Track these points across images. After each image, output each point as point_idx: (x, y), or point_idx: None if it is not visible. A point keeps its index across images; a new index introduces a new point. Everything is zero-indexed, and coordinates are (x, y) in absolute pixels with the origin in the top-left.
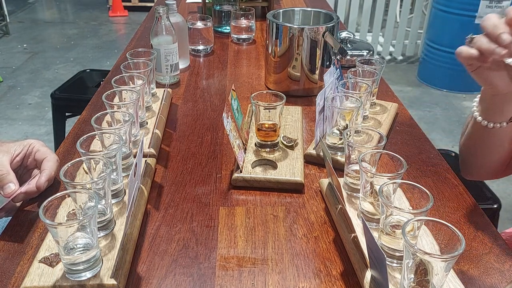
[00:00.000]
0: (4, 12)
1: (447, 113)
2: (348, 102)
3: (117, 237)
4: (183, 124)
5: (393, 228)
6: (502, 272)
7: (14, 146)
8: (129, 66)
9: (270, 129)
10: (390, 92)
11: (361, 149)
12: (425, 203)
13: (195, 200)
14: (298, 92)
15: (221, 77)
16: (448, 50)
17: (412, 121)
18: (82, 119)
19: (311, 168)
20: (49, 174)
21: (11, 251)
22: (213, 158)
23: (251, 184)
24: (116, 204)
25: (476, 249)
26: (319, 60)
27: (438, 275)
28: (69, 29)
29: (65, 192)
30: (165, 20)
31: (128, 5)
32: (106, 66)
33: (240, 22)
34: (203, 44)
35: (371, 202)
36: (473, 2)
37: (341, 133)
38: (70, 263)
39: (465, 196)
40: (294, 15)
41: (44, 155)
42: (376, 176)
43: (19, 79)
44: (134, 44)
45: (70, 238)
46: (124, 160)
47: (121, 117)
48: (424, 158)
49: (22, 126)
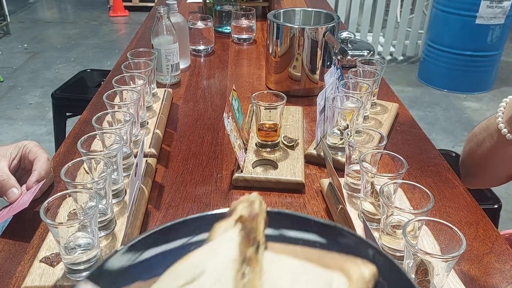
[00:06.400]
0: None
1: (448, 113)
2: (348, 102)
3: (117, 237)
4: (184, 124)
5: (393, 228)
6: (503, 272)
7: (10, 149)
8: (129, 66)
9: (270, 129)
10: (390, 92)
11: (361, 149)
12: (426, 203)
13: (195, 200)
14: (298, 92)
15: (221, 77)
16: (448, 50)
17: (413, 121)
18: (82, 119)
19: (312, 168)
20: (38, 174)
21: (12, 251)
22: (213, 158)
23: (251, 184)
24: (116, 204)
25: (476, 249)
26: (319, 60)
27: (438, 275)
28: (69, 29)
29: (66, 192)
30: (165, 20)
31: (129, 5)
32: (107, 66)
33: (240, 22)
34: (203, 44)
35: (371, 202)
36: (474, 2)
37: (341, 133)
38: (71, 263)
39: (465, 196)
40: (294, 15)
41: (35, 155)
42: (376, 176)
43: (19, 79)
44: (134, 44)
45: (71, 238)
46: (124, 160)
47: (122, 117)
48: (424, 158)
49: (22, 126)
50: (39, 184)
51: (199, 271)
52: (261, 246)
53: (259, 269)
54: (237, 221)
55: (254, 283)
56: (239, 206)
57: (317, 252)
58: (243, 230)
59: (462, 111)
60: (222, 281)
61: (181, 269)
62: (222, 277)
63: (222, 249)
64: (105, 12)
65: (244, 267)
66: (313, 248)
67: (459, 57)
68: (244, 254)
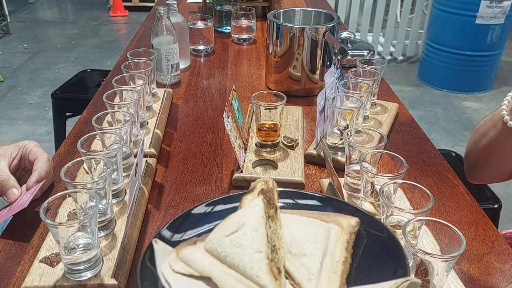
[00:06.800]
0: (5, 12)
1: (448, 113)
2: (348, 102)
3: (117, 237)
4: (184, 124)
5: (393, 228)
6: (503, 272)
7: (10, 149)
8: (129, 66)
9: (270, 129)
10: (390, 92)
11: (361, 149)
12: (426, 203)
13: (195, 200)
14: (298, 92)
15: (221, 77)
16: (448, 50)
17: (413, 121)
18: (82, 119)
19: (312, 168)
20: (38, 174)
21: (12, 251)
22: (213, 158)
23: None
24: (116, 204)
25: (476, 249)
26: (319, 60)
27: (438, 275)
28: (69, 29)
29: (66, 192)
30: (165, 20)
31: (129, 5)
32: (107, 66)
33: (240, 22)
34: (203, 44)
35: (371, 202)
36: (474, 2)
37: (341, 133)
38: (71, 263)
39: (465, 196)
40: (294, 15)
41: (35, 156)
42: (376, 176)
43: (19, 79)
44: (134, 44)
45: (71, 238)
46: (124, 160)
47: (122, 117)
48: (424, 158)
49: (22, 126)
50: (38, 185)
51: (240, 224)
52: (278, 209)
53: (279, 223)
54: (259, 193)
55: (278, 231)
56: (258, 184)
57: (316, 212)
58: (265, 198)
59: (462, 111)
60: (257, 230)
61: (225, 225)
62: (257, 227)
63: (253, 211)
64: (105, 12)
65: (270, 221)
66: (313, 210)
67: (459, 57)
68: (268, 213)
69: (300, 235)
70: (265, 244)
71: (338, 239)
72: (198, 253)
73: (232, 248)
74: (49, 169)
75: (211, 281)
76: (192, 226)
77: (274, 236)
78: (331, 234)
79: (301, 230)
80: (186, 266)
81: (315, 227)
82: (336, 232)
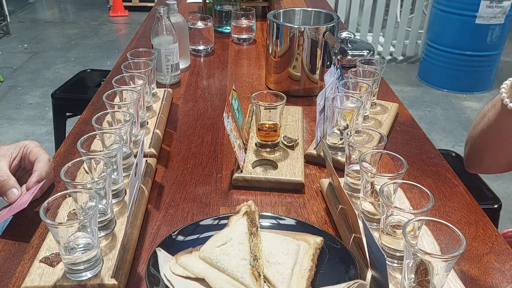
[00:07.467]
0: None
1: (448, 113)
2: (348, 102)
3: (117, 236)
4: (184, 124)
5: (393, 228)
6: (502, 272)
7: (11, 149)
8: (129, 66)
9: (270, 129)
10: (390, 92)
11: (361, 149)
12: (426, 203)
13: (195, 200)
14: (298, 92)
15: (221, 77)
16: (448, 50)
17: (413, 121)
18: (82, 119)
19: (312, 168)
20: (39, 175)
21: (12, 251)
22: (213, 158)
23: (251, 184)
24: (116, 204)
25: (476, 249)
26: (319, 60)
27: (438, 275)
28: (69, 29)
29: (66, 192)
30: (165, 20)
31: (129, 5)
32: (107, 66)
33: (240, 22)
34: (203, 44)
35: (371, 202)
36: (474, 2)
37: (341, 133)
38: (71, 263)
39: (465, 196)
40: (294, 15)
41: (36, 156)
42: (376, 176)
43: (19, 79)
44: (134, 44)
45: (71, 238)
46: (124, 160)
47: (122, 117)
48: (424, 158)
49: (22, 126)
50: (39, 185)
51: (228, 238)
52: (259, 227)
53: (260, 238)
54: (243, 214)
55: (258, 244)
56: (242, 207)
57: (289, 232)
58: (248, 219)
59: (462, 111)
60: (242, 243)
61: (216, 238)
62: (242, 240)
63: (239, 228)
64: (105, 12)
65: (252, 237)
66: (287, 230)
67: (459, 57)
68: (251, 231)
69: (276, 248)
70: (248, 254)
71: (306, 253)
72: (194, 260)
73: (222, 256)
74: (49, 169)
75: (205, 282)
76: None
77: (256, 248)
78: (301, 249)
79: (277, 244)
80: (184, 270)
81: (288, 243)
82: (305, 247)
